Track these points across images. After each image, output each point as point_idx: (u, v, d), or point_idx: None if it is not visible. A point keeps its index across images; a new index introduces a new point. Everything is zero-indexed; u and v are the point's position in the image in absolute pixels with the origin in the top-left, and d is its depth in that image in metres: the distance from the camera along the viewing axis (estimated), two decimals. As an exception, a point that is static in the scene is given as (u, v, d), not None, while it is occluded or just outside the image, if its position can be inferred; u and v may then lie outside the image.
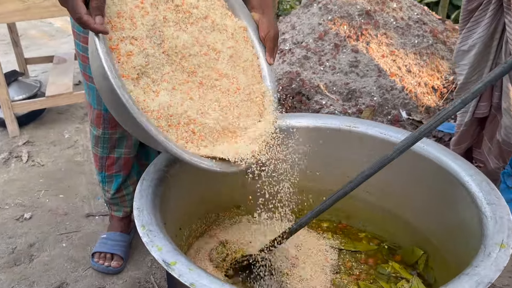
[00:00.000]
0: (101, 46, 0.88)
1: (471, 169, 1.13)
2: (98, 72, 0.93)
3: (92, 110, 1.46)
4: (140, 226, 0.92)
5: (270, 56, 1.15)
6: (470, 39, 1.73)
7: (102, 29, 0.87)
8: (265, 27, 1.14)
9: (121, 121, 1.03)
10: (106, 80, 0.88)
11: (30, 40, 4.62)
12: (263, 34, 1.14)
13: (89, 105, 1.47)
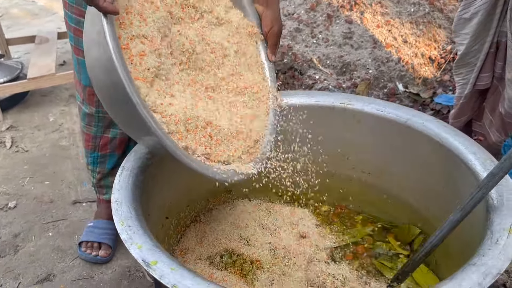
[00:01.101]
0: (109, 30, 0.75)
1: (473, 146, 1.06)
2: (98, 62, 0.80)
3: (82, 88, 1.38)
4: (118, 222, 0.84)
5: (271, 53, 1.07)
6: (473, 6, 1.64)
7: (112, 8, 0.75)
8: (268, 22, 1.05)
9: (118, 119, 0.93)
10: (108, 72, 0.76)
11: (12, 20, 4.45)
12: (266, 29, 1.05)
13: (79, 83, 1.40)
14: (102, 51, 0.76)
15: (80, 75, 1.37)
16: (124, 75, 0.75)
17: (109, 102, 0.88)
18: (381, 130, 1.26)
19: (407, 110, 1.23)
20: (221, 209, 1.40)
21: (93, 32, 0.80)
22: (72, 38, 1.31)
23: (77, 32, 1.28)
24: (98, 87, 0.87)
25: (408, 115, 1.21)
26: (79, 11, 1.23)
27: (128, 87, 0.75)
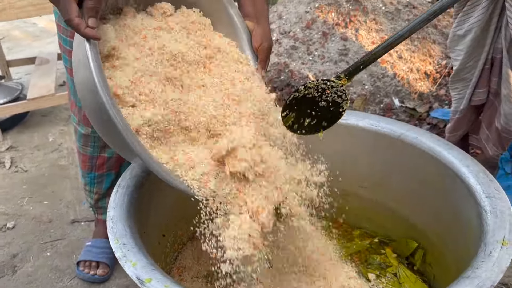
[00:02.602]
0: (92, 53, 0.76)
1: (467, 159, 1.07)
2: (84, 85, 0.82)
3: (78, 109, 1.40)
4: (113, 240, 0.85)
5: (262, 68, 1.08)
6: (466, 23, 1.66)
7: (92, 34, 0.76)
8: (259, 38, 1.06)
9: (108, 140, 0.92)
10: (93, 94, 0.77)
11: (14, 42, 4.51)
12: (257, 45, 1.06)
13: (75, 104, 1.41)
14: (88, 73, 0.76)
15: (75, 97, 1.39)
16: (107, 99, 0.75)
17: (96, 123, 0.88)
18: (375, 145, 1.27)
19: (401, 125, 1.24)
20: (219, 224, 1.39)
21: (79, 54, 0.81)
22: (67, 61, 1.33)
23: (71, 55, 1.30)
24: (86, 107, 0.87)
25: (402, 130, 1.22)
26: (73, 34, 1.26)
27: (110, 110, 0.75)
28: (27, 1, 2.28)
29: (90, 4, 0.77)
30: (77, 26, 0.76)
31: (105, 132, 0.88)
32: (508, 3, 1.51)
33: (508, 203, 0.93)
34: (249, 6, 1.06)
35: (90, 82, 0.76)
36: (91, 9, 0.77)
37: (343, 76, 0.89)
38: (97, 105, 0.77)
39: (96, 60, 0.76)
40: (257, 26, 1.06)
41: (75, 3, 0.76)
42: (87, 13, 0.77)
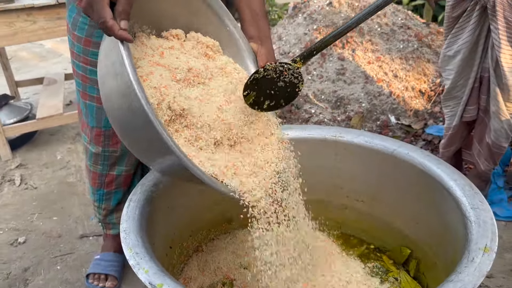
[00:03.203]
0: (126, 54, 0.79)
1: (454, 174, 1.14)
2: (116, 90, 0.83)
3: (90, 129, 1.47)
4: (126, 249, 0.92)
5: None
6: (455, 45, 1.76)
7: (126, 36, 0.80)
8: (264, 58, 1.14)
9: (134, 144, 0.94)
10: (126, 98, 0.79)
11: (21, 62, 4.64)
12: (262, 64, 1.14)
13: (86, 125, 1.48)
14: (119, 79, 0.80)
15: (87, 118, 1.46)
16: (143, 97, 0.78)
17: (126, 129, 0.90)
18: (370, 160, 1.34)
19: (393, 142, 1.32)
20: (222, 238, 1.46)
21: (109, 65, 0.85)
22: (80, 85, 1.41)
23: (84, 79, 1.38)
24: (114, 116, 0.90)
25: (394, 146, 1.30)
26: (86, 60, 1.34)
27: (147, 108, 0.77)
28: (38, 25, 2.39)
29: (121, 7, 0.81)
30: (112, 27, 0.79)
31: (134, 135, 0.89)
32: (493, 26, 1.61)
33: (491, 213, 1.00)
34: (253, 29, 1.15)
35: (123, 86, 0.79)
36: (122, 12, 0.81)
37: (298, 60, 1.00)
38: (129, 109, 0.80)
39: (131, 61, 0.79)
40: (262, 47, 1.14)
41: (109, 7, 0.81)
42: (118, 16, 0.81)
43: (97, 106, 1.41)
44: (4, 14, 2.27)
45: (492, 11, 1.59)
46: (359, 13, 0.95)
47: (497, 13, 1.58)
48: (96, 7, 0.80)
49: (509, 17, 1.57)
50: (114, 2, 0.82)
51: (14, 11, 2.29)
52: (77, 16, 1.30)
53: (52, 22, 2.40)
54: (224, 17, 1.12)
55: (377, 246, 1.43)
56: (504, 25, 1.59)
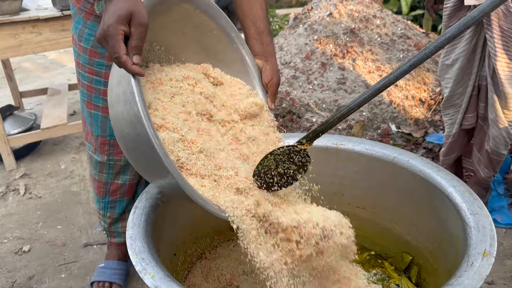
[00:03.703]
0: (137, 89, 0.84)
1: (453, 180, 1.16)
2: (123, 117, 0.89)
3: (95, 138, 1.50)
4: (133, 255, 0.94)
5: (271, 102, 1.19)
6: (453, 54, 1.79)
7: (138, 71, 0.84)
8: (268, 74, 1.17)
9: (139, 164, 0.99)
10: (134, 125, 0.85)
11: (25, 73, 4.69)
12: (267, 80, 1.18)
13: (91, 134, 1.51)
14: (128, 107, 0.85)
15: (92, 127, 1.49)
16: (152, 132, 0.83)
17: (131, 150, 0.96)
18: (371, 168, 1.36)
19: (393, 149, 1.34)
20: (225, 246, 1.48)
21: (120, 92, 0.90)
22: (85, 95, 1.44)
23: (90, 89, 1.41)
24: (121, 137, 0.96)
25: (394, 154, 1.32)
26: (91, 70, 1.38)
27: (154, 141, 0.83)
28: (43, 36, 2.43)
29: (134, 43, 0.85)
30: (125, 63, 0.83)
31: (138, 157, 0.95)
32: (488, 35, 1.64)
33: (490, 219, 1.02)
34: (258, 46, 1.18)
35: (132, 115, 0.84)
36: (135, 47, 0.85)
37: (305, 141, 1.03)
38: (136, 135, 0.86)
39: (141, 95, 0.85)
40: (266, 63, 1.18)
41: (123, 42, 0.85)
42: (131, 51, 0.85)
43: (102, 116, 1.44)
44: (9, 26, 2.31)
45: (487, 20, 1.62)
46: (362, 95, 0.97)
47: (492, 22, 1.61)
48: (111, 41, 0.84)
49: (503, 26, 1.61)
50: (127, 36, 0.85)
51: (20, 23, 2.34)
52: (83, 27, 1.34)
53: (57, 33, 2.44)
54: (233, 34, 1.16)
55: (378, 252, 1.44)
56: (499, 34, 1.62)
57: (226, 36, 1.15)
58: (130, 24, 0.85)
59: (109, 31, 0.84)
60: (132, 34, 0.85)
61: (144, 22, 0.85)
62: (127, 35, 0.85)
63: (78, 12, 1.34)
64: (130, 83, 0.84)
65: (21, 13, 2.44)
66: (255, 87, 1.18)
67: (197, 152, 0.98)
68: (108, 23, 0.84)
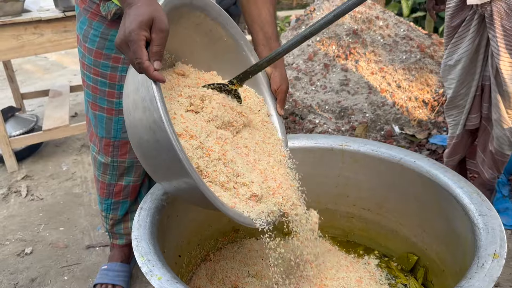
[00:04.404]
0: (159, 95, 0.84)
1: (461, 181, 1.15)
2: (145, 123, 0.88)
3: (99, 140, 1.49)
4: (139, 256, 0.93)
5: (281, 108, 1.19)
6: (456, 54, 1.78)
7: (160, 77, 0.84)
8: (277, 81, 1.18)
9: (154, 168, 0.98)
10: (153, 132, 0.85)
11: (26, 75, 4.68)
12: (276, 87, 1.18)
13: (95, 135, 1.50)
14: (148, 114, 0.85)
15: (96, 128, 1.48)
16: (174, 138, 0.83)
17: (149, 157, 0.95)
18: (376, 169, 1.36)
19: (399, 150, 1.33)
20: (229, 247, 1.47)
21: (138, 99, 0.89)
22: (90, 96, 1.43)
23: (94, 90, 1.40)
24: (138, 144, 0.95)
25: (400, 155, 1.31)
26: (96, 71, 1.37)
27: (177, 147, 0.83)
28: (45, 38, 2.42)
29: (155, 48, 0.84)
30: (147, 69, 0.83)
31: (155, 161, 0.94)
32: (491, 34, 1.63)
33: (499, 220, 1.01)
34: (266, 52, 1.18)
35: (151, 121, 0.84)
36: (156, 53, 0.84)
37: (235, 81, 1.11)
38: (155, 141, 0.85)
39: (163, 101, 0.84)
40: (275, 70, 1.18)
41: (145, 48, 0.84)
42: (152, 57, 0.84)
43: (107, 117, 1.43)
44: (11, 27, 2.30)
45: (490, 20, 1.61)
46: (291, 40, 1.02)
47: (495, 22, 1.60)
48: (133, 47, 0.83)
49: (506, 25, 1.60)
50: (148, 41, 0.85)
51: (22, 24, 2.33)
52: (88, 28, 1.33)
53: (59, 35, 2.44)
54: (242, 41, 1.16)
55: (384, 253, 1.43)
56: (502, 33, 1.61)
57: (235, 43, 1.15)
58: (151, 30, 0.85)
59: (131, 37, 0.83)
60: (153, 40, 0.85)
61: (165, 28, 0.85)
62: (148, 40, 0.85)
63: (83, 12, 1.34)
64: (151, 90, 0.84)
65: (23, 14, 2.43)
66: (263, 93, 1.18)
67: (215, 159, 0.98)
68: (130, 29, 0.83)
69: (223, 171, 0.98)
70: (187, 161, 0.84)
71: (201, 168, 0.96)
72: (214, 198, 0.89)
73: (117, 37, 0.86)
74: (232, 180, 0.99)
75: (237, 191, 0.99)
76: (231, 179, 0.99)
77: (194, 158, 0.95)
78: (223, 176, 0.98)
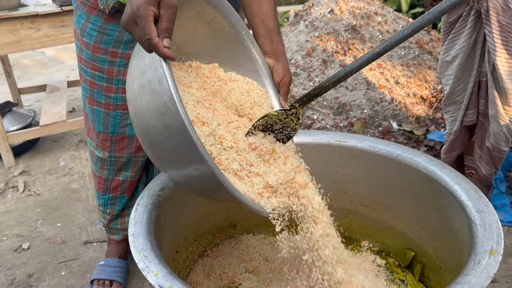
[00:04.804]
0: (169, 73, 0.79)
1: (459, 178, 1.15)
2: (153, 108, 0.83)
3: (96, 135, 1.48)
4: (135, 253, 0.93)
5: (284, 100, 1.18)
6: (453, 50, 1.78)
7: (170, 54, 0.80)
8: (280, 73, 1.16)
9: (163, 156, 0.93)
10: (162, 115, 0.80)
11: (23, 70, 4.66)
12: (279, 79, 1.16)
13: (93, 130, 1.49)
14: (156, 97, 0.80)
15: (94, 123, 1.47)
16: (186, 118, 0.78)
17: (156, 144, 0.90)
18: (374, 165, 1.35)
19: (397, 146, 1.33)
20: (227, 243, 1.47)
21: (144, 82, 0.84)
22: (87, 90, 1.42)
23: (92, 85, 1.40)
24: (144, 131, 0.89)
25: (398, 151, 1.31)
26: (94, 66, 1.36)
27: (189, 128, 0.78)
28: (42, 32, 2.40)
29: (164, 25, 0.80)
30: (157, 45, 0.78)
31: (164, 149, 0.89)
32: (487, 30, 1.63)
33: (496, 216, 1.01)
34: (268, 45, 1.16)
35: (160, 104, 0.79)
36: (165, 29, 0.80)
37: (297, 105, 1.05)
38: (165, 126, 0.81)
39: (173, 80, 0.79)
40: (277, 62, 1.17)
41: (154, 24, 0.80)
42: (162, 33, 0.80)
43: (104, 112, 1.42)
44: (8, 21, 2.29)
45: (486, 16, 1.61)
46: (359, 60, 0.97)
47: (491, 17, 1.60)
48: (141, 23, 0.79)
49: (502, 21, 1.60)
50: (156, 19, 0.81)
51: (18, 18, 2.31)
52: (86, 22, 1.32)
53: (56, 29, 2.42)
54: (243, 32, 1.15)
55: (381, 249, 1.43)
56: (498, 29, 1.61)
57: (237, 34, 1.14)
58: (159, 6, 0.81)
59: (139, 12, 0.79)
60: (162, 16, 0.80)
61: (174, 4, 0.81)
62: (156, 17, 0.81)
63: (81, 6, 1.33)
64: (161, 68, 0.79)
65: (20, 8, 2.41)
66: (265, 86, 1.17)
67: (228, 147, 0.95)
68: (138, 4, 0.79)
69: (236, 159, 0.95)
70: (201, 144, 0.79)
71: (214, 155, 0.92)
72: (227, 183, 0.84)
73: (124, 15, 0.82)
74: (246, 169, 0.96)
75: (251, 180, 0.96)
76: (244, 167, 0.96)
77: (206, 145, 0.91)
78: (236, 164, 0.95)
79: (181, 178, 0.94)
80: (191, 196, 1.29)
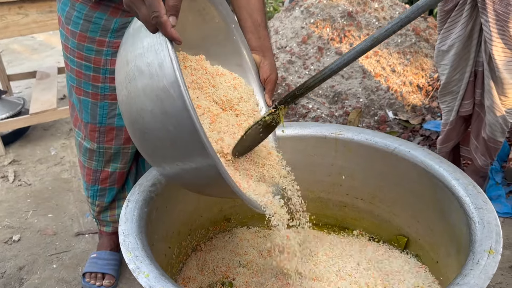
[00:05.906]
0: (174, 56, 0.73)
1: (456, 172, 1.13)
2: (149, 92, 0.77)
3: (84, 125, 1.45)
4: (126, 252, 0.90)
5: (269, 98, 1.15)
6: (449, 39, 1.74)
7: (177, 36, 0.74)
8: (267, 70, 1.13)
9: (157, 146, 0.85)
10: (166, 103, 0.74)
11: (13, 55, 4.57)
12: (265, 76, 1.13)
13: (80, 120, 1.45)
14: (156, 81, 0.74)
15: (81, 114, 1.43)
16: (190, 102, 0.73)
17: (150, 132, 0.82)
18: (371, 158, 1.33)
19: (394, 139, 1.30)
20: (220, 237, 1.45)
21: (142, 65, 0.77)
22: (74, 80, 1.38)
23: (79, 74, 1.35)
24: (137, 118, 0.82)
25: (395, 144, 1.29)
26: (80, 55, 1.31)
27: (193, 113, 0.73)
28: (30, 18, 2.34)
29: (172, 1, 0.74)
30: (165, 24, 0.72)
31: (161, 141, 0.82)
32: (483, 19, 1.59)
33: (495, 214, 0.99)
34: (255, 40, 1.13)
35: (160, 88, 0.74)
36: (173, 7, 0.74)
37: (282, 107, 1.02)
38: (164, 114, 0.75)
39: (178, 63, 0.74)
40: (264, 59, 1.13)
41: (162, 1, 0.73)
42: (169, 11, 0.74)
43: (92, 102, 1.38)
44: (-5, 7, 2.22)
45: (482, 4, 1.58)
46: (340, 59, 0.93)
47: (487, 6, 1.57)
48: (149, 0, 0.72)
49: (498, 10, 1.56)
50: None
51: (6, 3, 2.25)
52: (71, 10, 1.27)
53: (45, 15, 2.36)
54: (233, 25, 1.11)
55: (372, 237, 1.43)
56: (494, 18, 1.57)
57: (226, 26, 1.10)
58: None
59: None
60: None
61: None
62: None
63: None
64: (164, 51, 0.73)
65: (7, -7, 2.34)
66: (250, 82, 1.14)
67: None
68: None
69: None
70: (203, 132, 0.74)
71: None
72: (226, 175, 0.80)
73: None
74: None
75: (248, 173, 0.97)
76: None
77: None
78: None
79: (172, 172, 0.88)
80: (183, 190, 1.26)
